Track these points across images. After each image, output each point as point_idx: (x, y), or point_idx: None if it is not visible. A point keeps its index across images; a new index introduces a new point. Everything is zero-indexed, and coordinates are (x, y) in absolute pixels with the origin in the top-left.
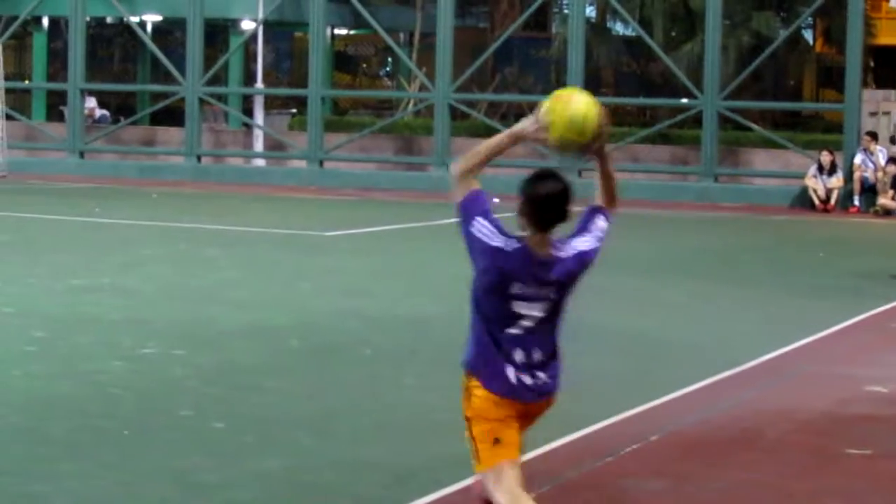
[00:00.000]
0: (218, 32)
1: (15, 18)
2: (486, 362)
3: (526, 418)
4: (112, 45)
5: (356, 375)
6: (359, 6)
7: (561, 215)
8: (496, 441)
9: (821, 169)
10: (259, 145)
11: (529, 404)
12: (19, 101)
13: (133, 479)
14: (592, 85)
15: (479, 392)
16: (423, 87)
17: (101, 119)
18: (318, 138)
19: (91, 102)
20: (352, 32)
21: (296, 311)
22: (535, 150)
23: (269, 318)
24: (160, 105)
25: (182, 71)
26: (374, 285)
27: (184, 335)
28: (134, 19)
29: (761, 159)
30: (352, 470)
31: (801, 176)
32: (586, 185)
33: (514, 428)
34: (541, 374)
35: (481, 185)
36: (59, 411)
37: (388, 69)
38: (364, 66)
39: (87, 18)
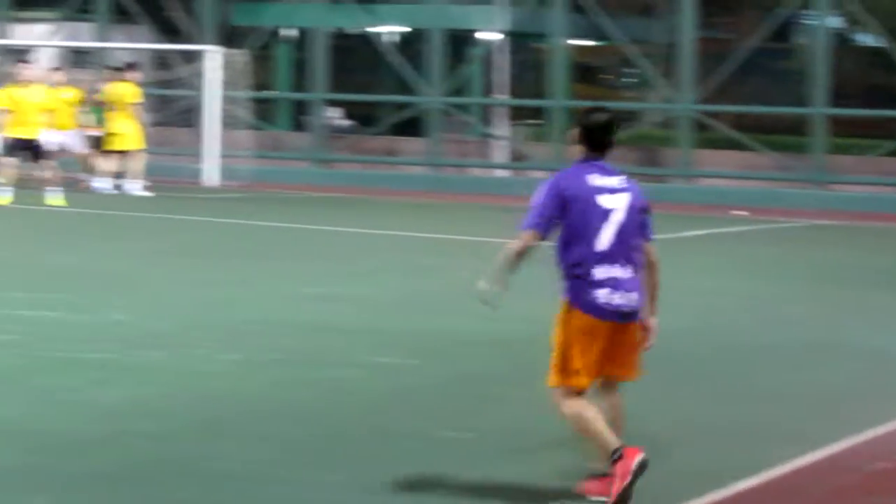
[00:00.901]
0: (459, 43)
1: (260, 29)
2: None
3: None
4: (354, 56)
5: None
6: (600, 17)
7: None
8: None
9: None
10: (500, 156)
11: None
12: (264, 112)
13: (367, 486)
14: (838, 97)
15: None
16: (665, 99)
17: (344, 129)
18: (559, 150)
19: (334, 113)
20: (592, 43)
21: (530, 322)
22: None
23: (505, 328)
24: (402, 115)
25: (424, 81)
26: None
27: (419, 345)
28: (376, 30)
29: None
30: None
31: None
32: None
33: None
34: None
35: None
36: (298, 417)
37: (629, 80)
38: (605, 77)
39: (330, 29)
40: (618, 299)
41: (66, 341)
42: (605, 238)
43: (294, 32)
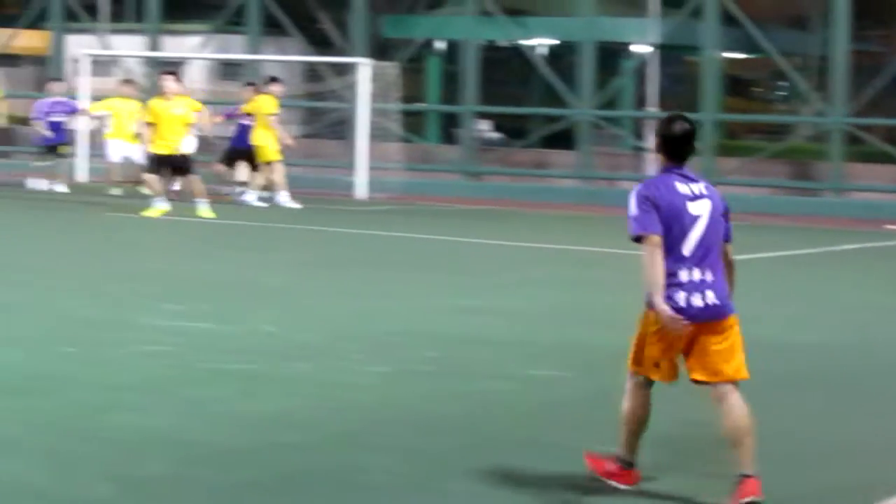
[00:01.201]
0: (610, 56)
1: (410, 42)
2: None
3: None
4: (505, 69)
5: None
6: (753, 30)
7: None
8: None
9: None
10: (652, 169)
11: None
12: (414, 124)
13: (513, 498)
14: None
15: None
16: (817, 112)
17: (494, 142)
18: (710, 162)
19: (484, 125)
20: (744, 56)
21: None
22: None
23: None
24: (552, 128)
25: (574, 94)
26: (766, 311)
27: (570, 357)
28: (526, 43)
29: None
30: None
31: None
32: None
33: None
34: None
35: None
36: (445, 429)
37: (781, 93)
38: (757, 90)
39: (481, 42)
40: (697, 301)
41: (216, 352)
42: (690, 243)
43: (444, 45)
